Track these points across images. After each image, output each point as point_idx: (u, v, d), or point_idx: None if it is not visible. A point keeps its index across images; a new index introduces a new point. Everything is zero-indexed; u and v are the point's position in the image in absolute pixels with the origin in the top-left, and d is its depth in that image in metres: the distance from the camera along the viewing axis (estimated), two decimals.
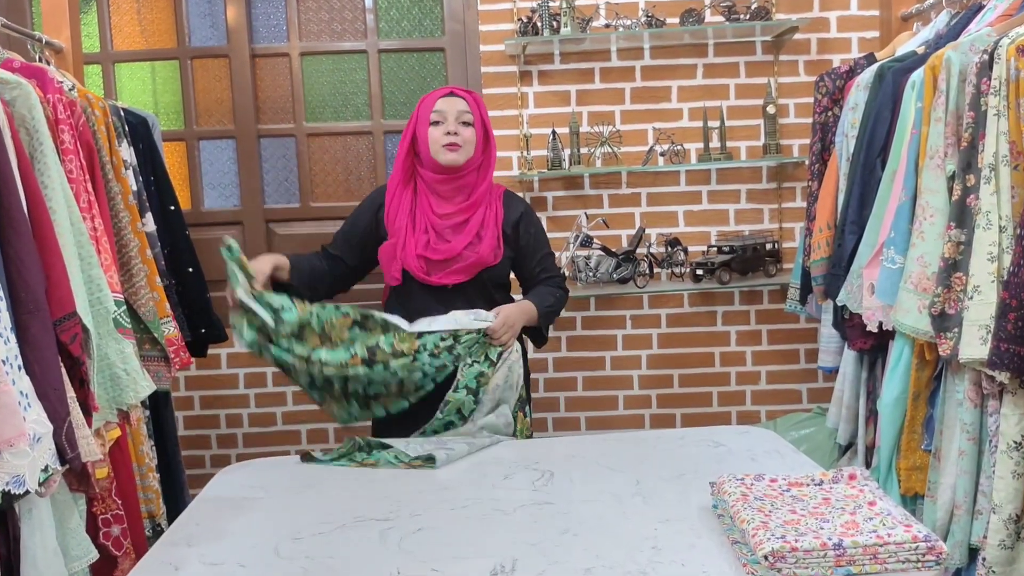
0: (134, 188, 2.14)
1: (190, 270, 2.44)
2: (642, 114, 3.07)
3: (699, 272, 2.90)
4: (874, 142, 2.18)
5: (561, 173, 2.95)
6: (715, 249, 3.00)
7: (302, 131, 3.15)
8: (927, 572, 1.28)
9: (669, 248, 3.01)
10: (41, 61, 2.17)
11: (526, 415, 2.26)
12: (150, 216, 2.20)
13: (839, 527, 1.35)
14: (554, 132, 2.95)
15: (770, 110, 2.89)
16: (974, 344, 1.73)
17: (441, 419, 2.11)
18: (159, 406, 2.30)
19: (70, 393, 1.52)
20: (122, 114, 2.23)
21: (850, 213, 2.23)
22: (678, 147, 2.99)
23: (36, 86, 1.66)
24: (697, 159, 3.03)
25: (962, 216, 1.82)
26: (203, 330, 2.47)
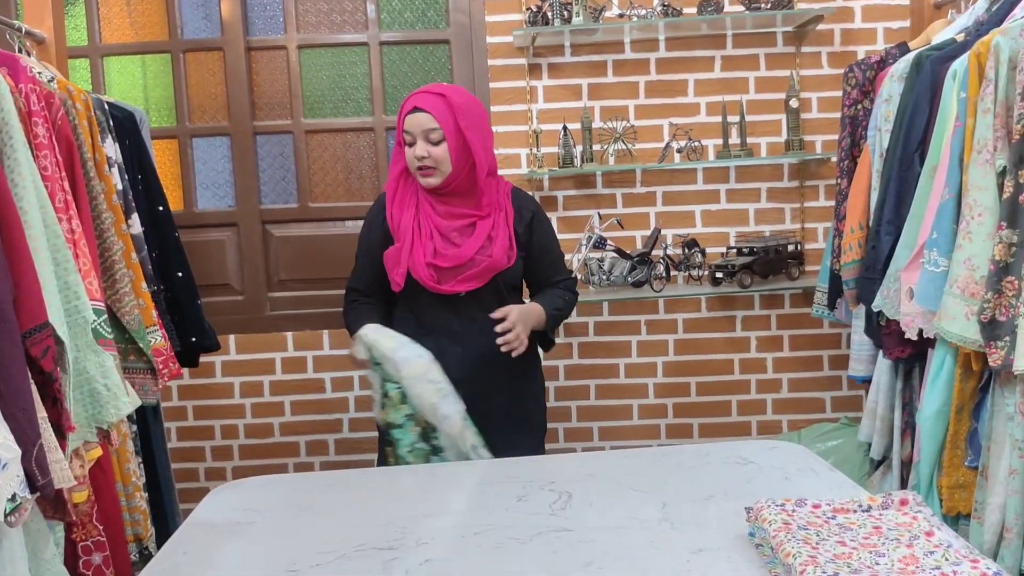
0: (119, 187, 2.03)
1: (180, 275, 2.34)
2: (657, 109, 2.99)
3: (718, 275, 2.82)
4: (911, 136, 2.07)
5: (572, 171, 2.87)
6: (735, 251, 2.92)
7: (300, 128, 3.08)
8: None
9: (686, 250, 2.93)
10: (22, 52, 2.04)
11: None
12: (136, 217, 2.09)
13: (896, 562, 1.23)
14: (565, 128, 2.87)
15: (793, 104, 2.79)
16: None
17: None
18: (147, 420, 2.18)
19: (41, 413, 1.39)
20: (106, 108, 2.11)
21: (886, 212, 2.12)
22: (695, 143, 2.91)
23: (6, 75, 1.53)
24: (715, 156, 2.95)
25: (1014, 215, 1.70)
26: (193, 339, 2.36)
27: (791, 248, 2.91)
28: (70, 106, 1.85)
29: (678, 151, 2.92)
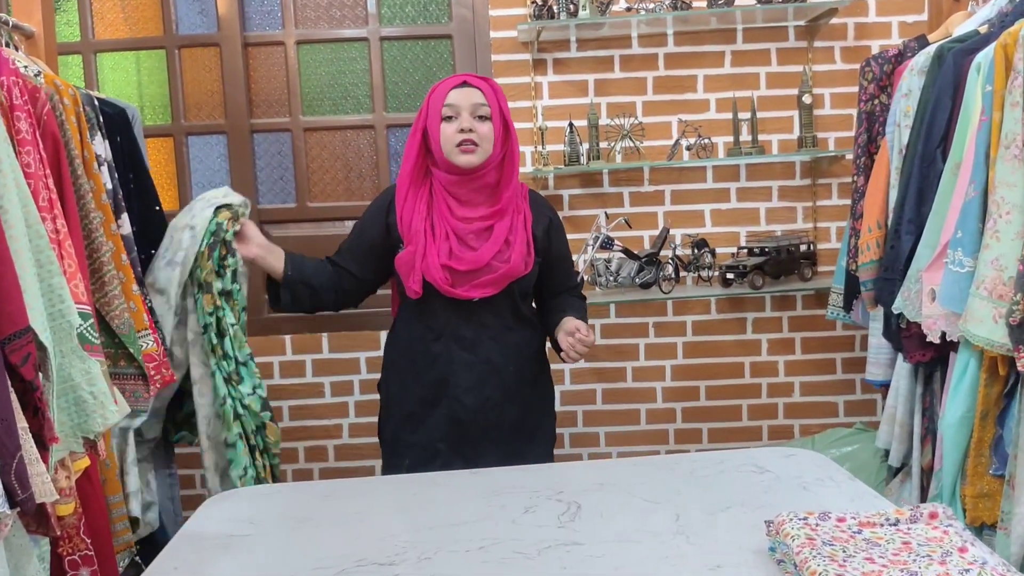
0: (108, 186, 1.95)
1: None
2: (666, 105, 2.94)
3: (729, 276, 2.77)
4: (933, 131, 2.01)
5: (579, 169, 2.83)
6: (745, 251, 2.87)
7: (298, 125, 3.03)
8: None
9: (695, 250, 2.88)
10: (9, 46, 1.98)
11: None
12: (126, 217, 2.01)
13: None
14: (571, 125, 2.83)
15: (806, 100, 2.74)
16: None
17: None
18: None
19: (21, 424, 1.32)
20: (96, 104, 2.04)
21: (906, 211, 2.06)
22: (705, 141, 2.86)
23: None
24: (726, 153, 2.89)
25: None
26: None
27: (803, 248, 2.86)
28: (57, 101, 1.77)
29: (687, 148, 2.88)
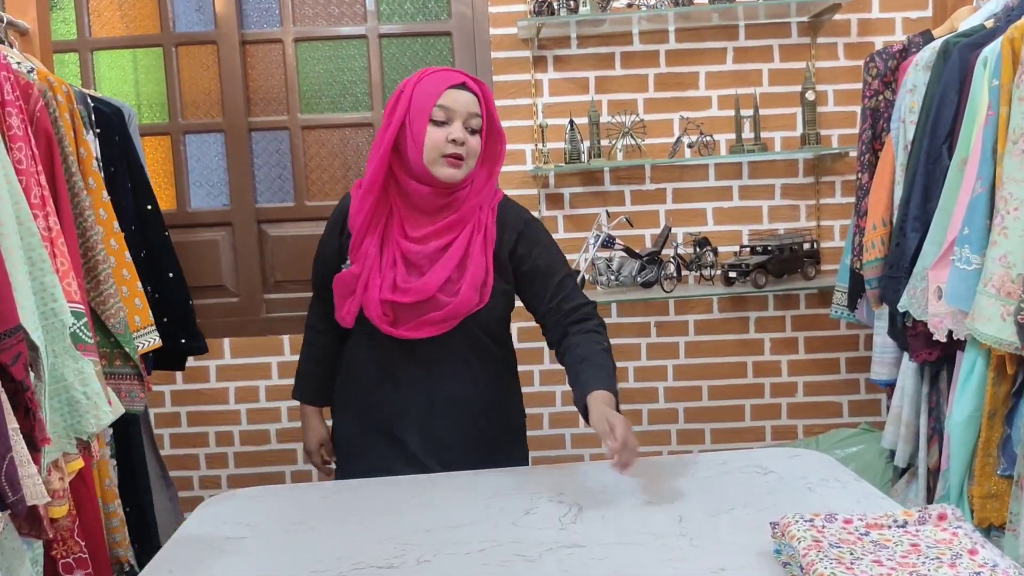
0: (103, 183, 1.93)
1: (171, 275, 2.26)
2: (667, 102, 2.92)
3: (731, 275, 2.75)
4: (939, 127, 1.98)
5: (579, 167, 2.80)
6: (748, 249, 2.85)
7: (296, 123, 3.01)
8: None
9: (697, 248, 2.86)
10: (3, 43, 1.96)
11: None
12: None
13: None
14: (572, 122, 2.80)
15: (809, 96, 2.72)
16: None
17: None
18: (127, 428, 2.09)
19: (12, 424, 1.30)
20: (90, 102, 2.02)
21: (911, 208, 2.04)
22: (707, 138, 2.84)
23: None
24: (728, 151, 2.88)
25: None
26: (183, 340, 2.29)
27: (807, 246, 2.84)
28: (50, 98, 1.75)
29: (689, 146, 2.86)
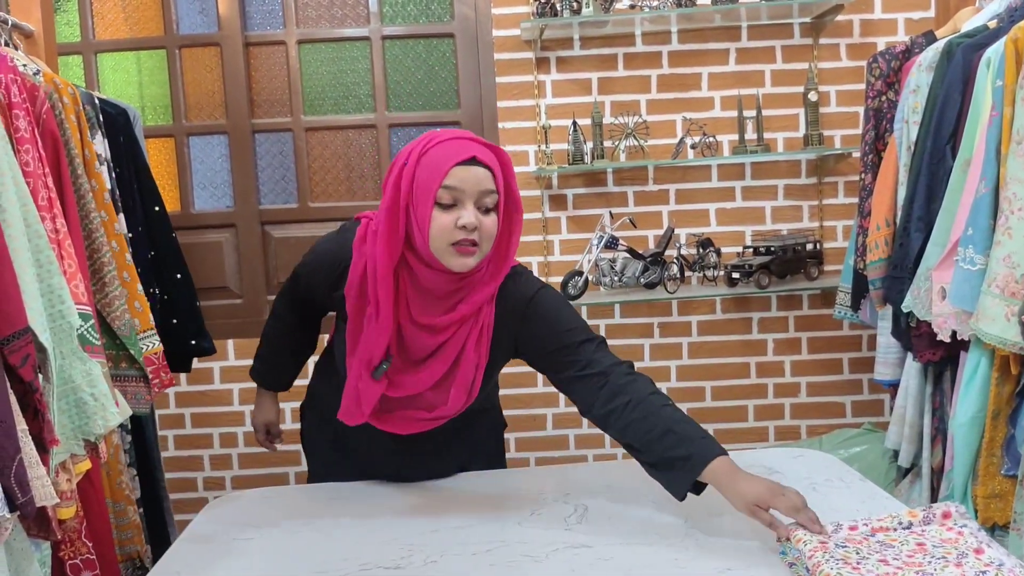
0: (109, 186, 1.93)
1: (178, 276, 2.25)
2: (670, 103, 2.91)
3: (734, 275, 2.75)
4: (942, 128, 1.99)
5: (582, 168, 2.80)
6: (751, 250, 2.84)
7: (300, 125, 3.01)
8: None
9: (700, 249, 2.85)
10: (8, 45, 1.96)
11: None
12: (122, 218, 1.99)
13: None
14: (575, 123, 2.80)
15: (812, 97, 2.71)
16: None
17: None
18: (144, 429, 2.09)
19: (21, 426, 1.30)
20: (96, 103, 2.02)
21: (915, 208, 2.04)
22: (710, 139, 2.83)
23: None
24: (731, 152, 2.88)
25: None
26: (192, 342, 2.28)
27: (809, 247, 2.83)
28: (56, 100, 1.75)
29: (692, 147, 2.85)
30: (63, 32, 2.90)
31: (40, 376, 1.37)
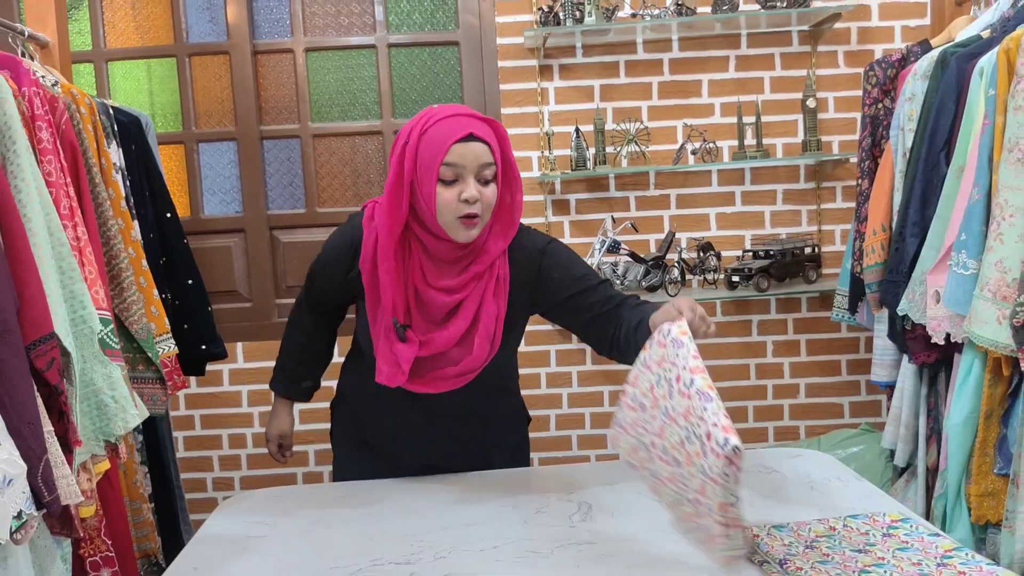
0: (124, 193, 1.97)
1: (189, 282, 2.28)
2: (671, 110, 2.93)
3: (734, 279, 2.76)
4: (937, 135, 2.01)
5: (585, 174, 2.81)
6: (750, 254, 2.86)
7: (307, 132, 3.02)
8: None
9: (701, 253, 2.87)
10: (25, 56, 2.00)
11: None
12: (136, 224, 2.03)
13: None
14: (577, 130, 2.82)
15: (810, 103, 2.74)
16: None
17: None
18: (159, 430, 2.12)
19: (47, 427, 1.34)
20: (111, 112, 2.06)
21: (911, 214, 2.06)
22: (710, 145, 2.85)
23: (9, 78, 1.48)
24: (731, 157, 2.90)
25: None
26: (204, 346, 2.31)
27: (808, 251, 2.85)
28: (74, 110, 1.79)
29: (692, 153, 2.87)
30: (74, 41, 2.93)
31: (64, 379, 1.42)
